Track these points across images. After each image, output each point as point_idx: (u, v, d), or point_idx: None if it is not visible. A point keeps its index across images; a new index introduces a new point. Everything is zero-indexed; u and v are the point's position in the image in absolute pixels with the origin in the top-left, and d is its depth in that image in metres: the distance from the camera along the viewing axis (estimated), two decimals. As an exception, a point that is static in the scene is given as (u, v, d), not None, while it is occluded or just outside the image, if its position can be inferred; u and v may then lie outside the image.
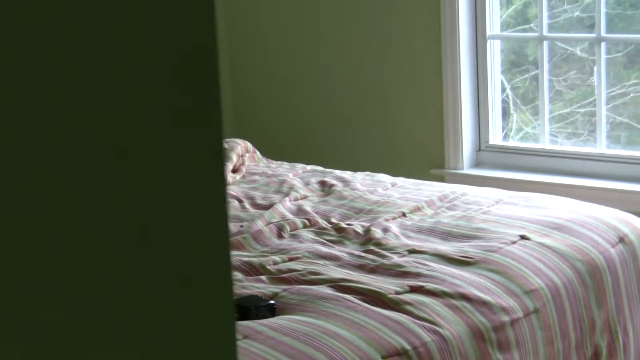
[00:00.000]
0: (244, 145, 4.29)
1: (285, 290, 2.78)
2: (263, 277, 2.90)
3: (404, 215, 3.39)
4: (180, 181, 0.81)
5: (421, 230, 3.24)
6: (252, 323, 2.56)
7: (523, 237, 3.12)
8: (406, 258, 2.99)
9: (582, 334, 2.99)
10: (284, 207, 3.53)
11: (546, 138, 4.58)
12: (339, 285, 2.78)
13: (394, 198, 3.58)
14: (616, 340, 3.08)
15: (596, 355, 3.03)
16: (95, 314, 0.80)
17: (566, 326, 2.93)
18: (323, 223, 3.35)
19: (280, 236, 3.27)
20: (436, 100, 4.66)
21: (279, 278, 2.88)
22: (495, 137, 4.68)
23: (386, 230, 3.23)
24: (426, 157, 4.73)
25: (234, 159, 4.11)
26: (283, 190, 3.78)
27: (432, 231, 3.22)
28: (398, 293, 2.74)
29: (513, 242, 3.08)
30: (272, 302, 2.69)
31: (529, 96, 4.67)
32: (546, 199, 3.50)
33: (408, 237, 3.18)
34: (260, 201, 3.68)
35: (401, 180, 3.85)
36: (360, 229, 3.25)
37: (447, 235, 3.18)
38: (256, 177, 4.00)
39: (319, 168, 4.10)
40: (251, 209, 3.59)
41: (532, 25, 4.59)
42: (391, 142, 4.84)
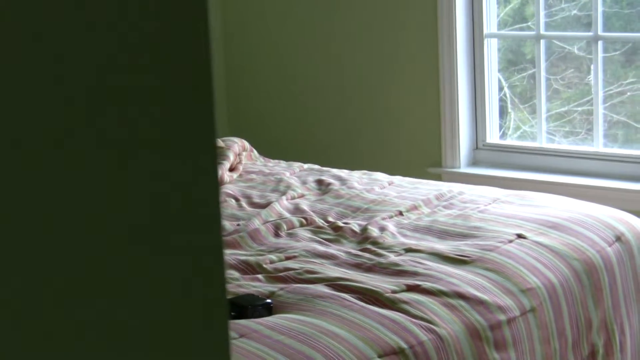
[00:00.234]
0: (241, 143, 4.29)
1: (281, 289, 2.77)
2: (260, 276, 2.90)
3: (401, 214, 3.39)
4: (171, 179, 0.81)
5: (418, 229, 3.24)
6: (249, 322, 2.56)
7: (520, 236, 3.12)
8: (403, 257, 2.99)
9: (579, 333, 2.99)
10: (281, 206, 3.53)
11: (543, 137, 4.58)
12: (336, 284, 2.78)
13: (391, 197, 3.57)
14: (613, 339, 3.08)
15: (593, 354, 3.03)
16: (89, 314, 0.79)
17: (563, 325, 2.93)
18: (320, 222, 3.35)
19: (277, 235, 3.26)
20: (433, 98, 4.66)
21: (276, 277, 2.88)
22: (492, 136, 4.68)
23: (383, 229, 3.23)
24: (423, 156, 4.73)
25: (231, 158, 4.10)
26: (280, 189, 3.78)
27: (429, 230, 3.22)
28: (395, 292, 2.73)
29: (510, 241, 3.08)
30: (269, 301, 2.69)
31: (527, 95, 4.67)
32: (543, 198, 3.50)
33: (405, 236, 3.18)
34: (257, 200, 3.68)
35: (398, 178, 3.85)
36: (357, 228, 3.25)
37: (444, 234, 3.18)
38: (253, 176, 4.00)
39: (316, 167, 4.10)
40: (248, 208, 3.59)
41: (530, 23, 4.59)
42: (388, 141, 4.83)
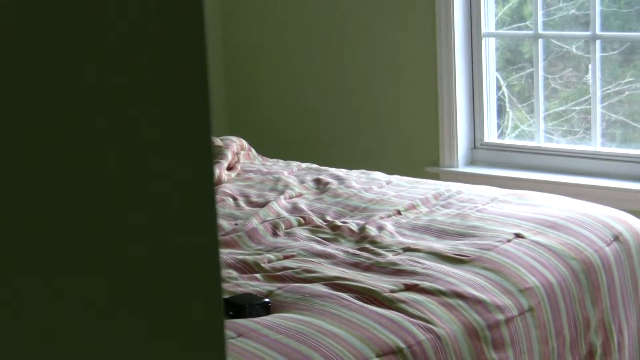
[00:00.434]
0: (239, 142, 4.28)
1: (279, 288, 2.77)
2: (257, 275, 2.89)
3: (399, 213, 3.39)
4: (166, 179, 0.81)
5: (416, 228, 3.24)
6: (247, 321, 2.56)
7: (518, 236, 3.11)
8: (401, 256, 2.98)
9: (577, 333, 2.98)
10: (279, 205, 3.53)
11: (541, 136, 4.58)
12: (334, 283, 2.77)
13: (389, 196, 3.57)
14: (611, 338, 3.08)
15: (591, 353, 3.02)
16: (89, 314, 0.79)
17: (561, 325, 2.93)
18: (318, 221, 3.34)
19: (275, 234, 3.26)
20: (431, 98, 4.66)
21: (274, 276, 2.87)
22: (490, 135, 4.68)
23: (381, 228, 3.23)
24: (421, 155, 4.73)
25: (229, 157, 4.10)
26: (278, 188, 3.78)
27: (427, 229, 3.22)
28: (393, 291, 2.73)
29: (508, 241, 3.07)
30: (267, 300, 2.69)
31: (525, 94, 4.67)
32: (541, 197, 3.50)
33: (403, 235, 3.18)
34: (255, 199, 3.67)
35: (396, 178, 3.84)
36: (355, 227, 3.25)
37: (442, 233, 3.18)
38: (251, 175, 3.99)
39: (314, 166, 4.10)
40: (246, 207, 3.59)
41: (528, 23, 4.59)
42: (386, 140, 4.83)
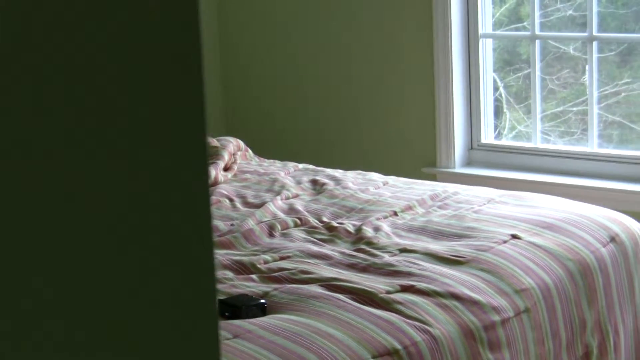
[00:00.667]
0: (236, 143, 4.28)
1: (276, 289, 2.77)
2: (254, 276, 2.89)
3: (396, 214, 3.39)
4: (161, 179, 0.81)
5: (412, 229, 3.24)
6: (243, 322, 2.56)
7: (514, 237, 3.11)
8: (397, 257, 2.98)
9: (573, 334, 2.98)
10: (275, 206, 3.52)
11: (538, 137, 4.58)
12: (330, 284, 2.77)
13: (386, 197, 3.57)
14: (607, 339, 3.08)
15: (587, 354, 3.02)
16: (83, 317, 0.79)
17: (557, 326, 2.93)
18: (314, 222, 3.34)
19: (271, 235, 3.26)
20: (428, 98, 4.66)
21: (270, 277, 2.87)
22: (487, 136, 4.68)
23: (377, 229, 3.23)
24: (418, 156, 4.73)
25: (226, 157, 4.10)
26: (274, 188, 3.77)
27: (424, 230, 3.22)
28: (389, 292, 2.73)
29: (504, 242, 3.07)
30: (263, 301, 2.68)
31: (522, 95, 4.67)
32: (537, 198, 3.50)
33: (399, 236, 3.18)
34: (251, 200, 3.67)
35: (393, 179, 3.84)
36: (351, 228, 3.25)
37: (439, 234, 3.18)
38: (248, 176, 3.99)
39: (311, 167, 4.10)
40: (242, 208, 3.58)
41: (525, 23, 4.59)
42: (383, 141, 4.83)
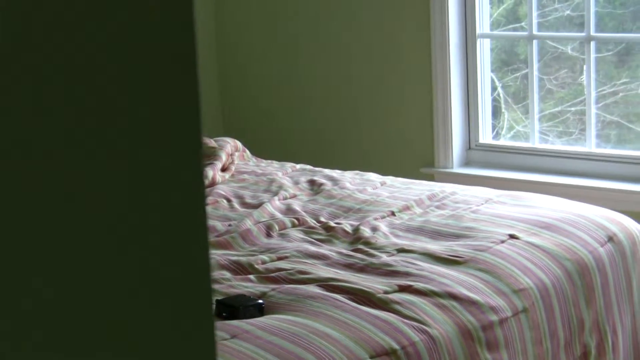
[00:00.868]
0: (234, 144, 4.28)
1: (273, 289, 2.77)
2: (251, 277, 2.89)
3: (393, 214, 3.39)
4: (157, 180, 0.80)
5: (410, 229, 3.24)
6: (241, 322, 2.56)
7: (512, 237, 3.11)
8: (395, 257, 2.98)
9: (571, 334, 2.98)
10: (273, 206, 3.52)
11: (536, 137, 4.58)
12: (328, 284, 2.77)
13: (383, 197, 3.57)
14: (605, 339, 3.08)
15: (585, 354, 3.02)
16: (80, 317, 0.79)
17: (555, 326, 2.93)
18: (312, 222, 3.34)
19: (268, 235, 3.26)
20: (426, 98, 4.66)
21: (268, 277, 2.87)
22: (485, 136, 4.68)
23: (375, 229, 3.22)
24: (416, 156, 4.73)
25: (224, 158, 4.09)
26: (272, 189, 3.77)
27: (421, 230, 3.22)
28: (387, 292, 2.73)
29: (502, 242, 3.07)
30: (261, 302, 2.68)
31: (520, 95, 4.67)
32: (535, 198, 3.50)
33: (397, 236, 3.18)
34: (249, 200, 3.67)
35: (390, 179, 3.84)
36: (349, 228, 3.25)
37: (436, 234, 3.18)
38: (245, 176, 3.99)
39: (308, 167, 4.09)
40: (240, 208, 3.58)
41: (523, 23, 4.58)
42: (381, 141, 4.83)
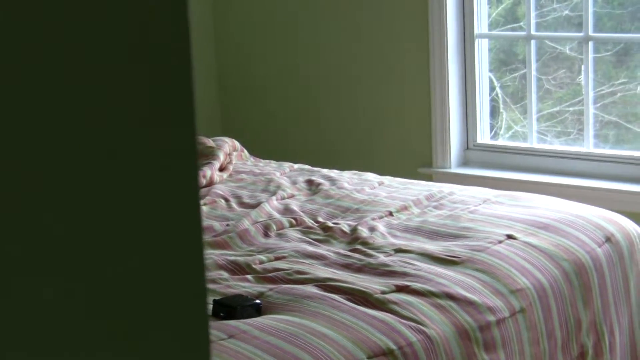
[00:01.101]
0: (232, 143, 4.28)
1: (271, 289, 2.77)
2: (249, 277, 2.89)
3: (391, 214, 3.39)
4: (151, 181, 0.80)
5: (408, 229, 3.23)
6: (238, 322, 2.56)
7: (510, 237, 3.11)
8: (392, 257, 2.98)
9: (568, 334, 2.98)
10: (271, 206, 3.52)
11: (534, 137, 4.58)
12: (325, 284, 2.77)
13: (381, 197, 3.57)
14: (602, 340, 3.08)
15: (582, 355, 3.02)
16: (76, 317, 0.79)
17: (552, 326, 2.93)
18: (309, 222, 3.34)
19: (266, 235, 3.26)
20: (424, 99, 4.66)
21: (265, 277, 2.87)
22: (483, 136, 4.68)
23: (373, 229, 3.22)
24: (414, 156, 4.73)
25: (222, 158, 4.09)
26: (270, 189, 3.77)
27: (419, 230, 3.22)
28: (384, 292, 2.73)
29: (500, 242, 3.07)
30: (258, 302, 2.68)
31: (519, 95, 4.67)
32: (533, 198, 3.50)
33: (395, 237, 3.18)
34: (247, 200, 3.67)
35: (388, 179, 3.84)
36: (346, 228, 3.25)
37: (434, 234, 3.18)
38: (243, 176, 3.99)
39: (306, 167, 4.09)
40: (238, 208, 3.58)
41: (522, 24, 4.58)
42: (379, 141, 4.83)
